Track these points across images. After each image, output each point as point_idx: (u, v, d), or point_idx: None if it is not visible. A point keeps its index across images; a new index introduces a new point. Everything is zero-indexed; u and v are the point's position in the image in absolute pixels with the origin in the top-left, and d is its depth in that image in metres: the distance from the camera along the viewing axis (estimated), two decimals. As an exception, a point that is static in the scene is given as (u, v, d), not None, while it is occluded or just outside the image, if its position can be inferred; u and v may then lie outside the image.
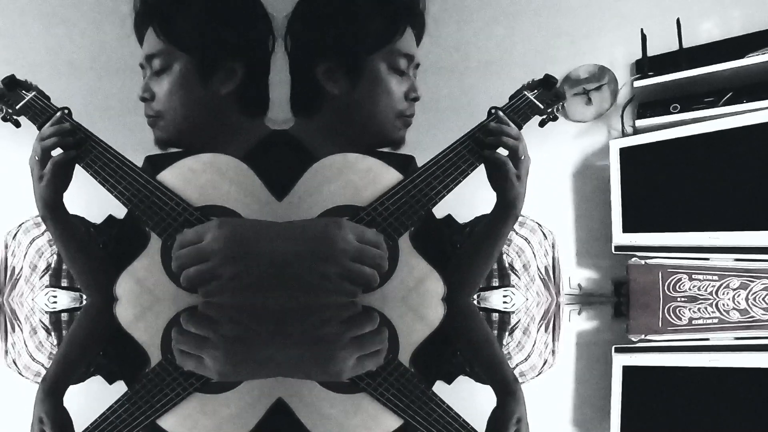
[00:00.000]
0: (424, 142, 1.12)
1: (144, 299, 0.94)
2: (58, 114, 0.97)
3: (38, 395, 0.51)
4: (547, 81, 1.08)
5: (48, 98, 1.01)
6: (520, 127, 1.03)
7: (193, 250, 0.88)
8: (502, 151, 0.99)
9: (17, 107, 0.99)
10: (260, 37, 1.10)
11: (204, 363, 0.57)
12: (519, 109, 1.04)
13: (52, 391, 0.53)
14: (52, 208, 0.97)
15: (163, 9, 1.04)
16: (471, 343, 0.81)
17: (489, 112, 1.02)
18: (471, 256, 1.07)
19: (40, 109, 0.98)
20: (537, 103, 1.05)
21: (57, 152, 0.96)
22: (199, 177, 0.95)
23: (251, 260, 0.88)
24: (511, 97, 1.06)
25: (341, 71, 1.05)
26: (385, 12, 1.05)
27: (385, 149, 1.13)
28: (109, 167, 0.94)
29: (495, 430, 0.45)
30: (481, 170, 1.00)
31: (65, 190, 0.97)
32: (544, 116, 1.07)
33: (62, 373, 0.61)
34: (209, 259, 0.87)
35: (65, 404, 0.50)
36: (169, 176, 0.95)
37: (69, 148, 0.95)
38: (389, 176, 0.97)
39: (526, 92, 1.06)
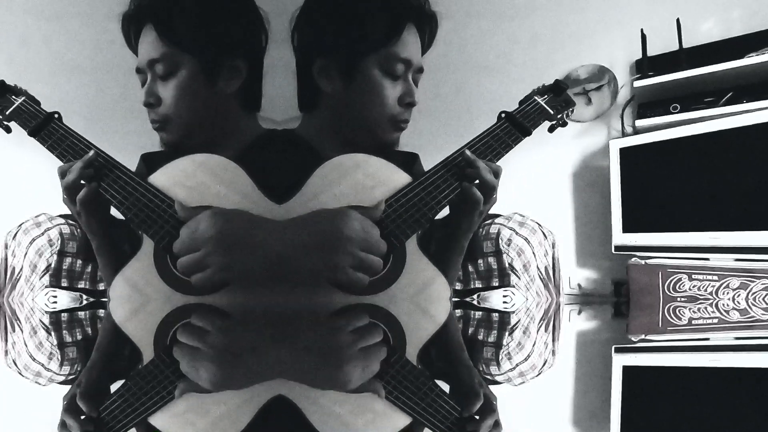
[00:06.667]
0: (424, 143, 1.12)
1: (137, 300, 0.94)
2: (92, 153, 0.94)
3: (75, 403, 0.48)
4: (557, 86, 1.07)
5: (38, 103, 1.01)
6: (529, 132, 1.02)
7: (187, 239, 0.88)
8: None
9: (7, 113, 0.98)
10: (256, 33, 1.09)
11: (199, 373, 0.57)
12: (529, 114, 1.03)
13: (94, 395, 0.51)
14: (102, 235, 0.98)
15: (159, 10, 1.01)
16: (444, 346, 0.80)
17: (499, 117, 1.02)
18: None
19: (30, 114, 0.98)
20: (547, 108, 1.05)
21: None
22: (191, 178, 0.94)
23: (243, 250, 0.88)
24: (521, 102, 1.05)
25: (335, 70, 1.03)
26: (388, 12, 1.02)
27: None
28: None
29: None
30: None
31: (108, 212, 0.97)
32: (554, 122, 1.06)
33: (99, 378, 0.59)
34: (202, 248, 0.87)
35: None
36: (160, 178, 0.95)
37: (90, 179, 0.93)
38: (398, 177, 0.96)
39: (536, 97, 1.06)
